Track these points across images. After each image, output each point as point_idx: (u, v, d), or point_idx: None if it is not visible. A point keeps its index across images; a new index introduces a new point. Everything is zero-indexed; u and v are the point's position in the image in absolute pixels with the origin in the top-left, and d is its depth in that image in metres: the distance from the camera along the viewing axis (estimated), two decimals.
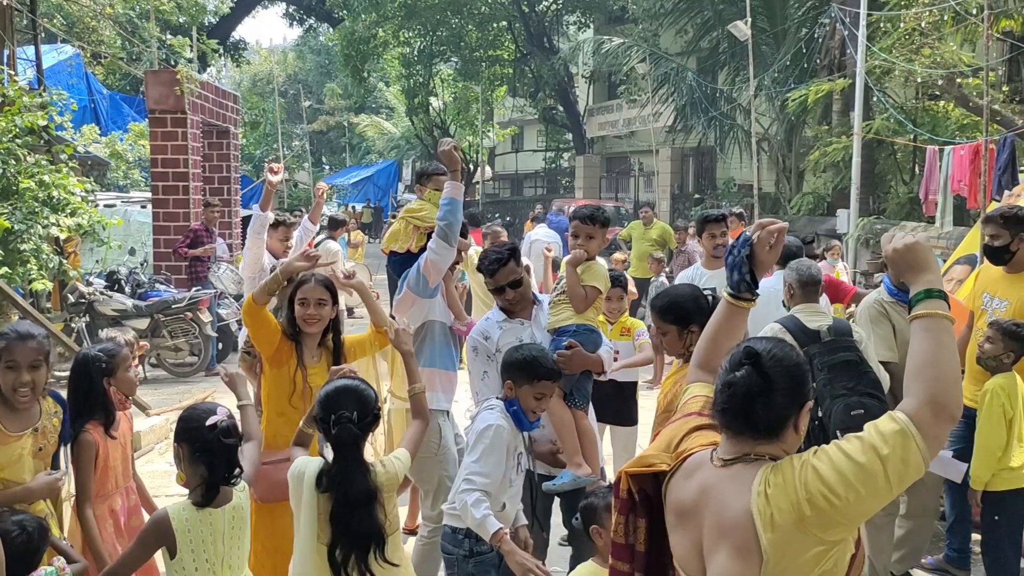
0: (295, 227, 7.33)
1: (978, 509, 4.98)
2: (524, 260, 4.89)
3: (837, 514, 2.02)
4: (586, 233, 4.53)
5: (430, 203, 5.07)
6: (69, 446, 3.95)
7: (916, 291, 2.21)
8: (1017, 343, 4.86)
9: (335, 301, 4.45)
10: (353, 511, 3.22)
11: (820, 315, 4.71)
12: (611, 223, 4.84)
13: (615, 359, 5.58)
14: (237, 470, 3.31)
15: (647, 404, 9.03)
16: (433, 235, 4.76)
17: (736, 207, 14.91)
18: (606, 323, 6.20)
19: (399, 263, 5.06)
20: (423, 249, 4.90)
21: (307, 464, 3.34)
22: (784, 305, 4.96)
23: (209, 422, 3.20)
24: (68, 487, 4.10)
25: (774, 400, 2.15)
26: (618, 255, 12.86)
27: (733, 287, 2.56)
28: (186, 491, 3.32)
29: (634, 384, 6.46)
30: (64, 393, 4.06)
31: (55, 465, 3.89)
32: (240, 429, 3.41)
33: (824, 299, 5.73)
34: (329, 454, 3.39)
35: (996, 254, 5.29)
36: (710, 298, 3.84)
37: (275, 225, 7.04)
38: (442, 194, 4.82)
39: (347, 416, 3.23)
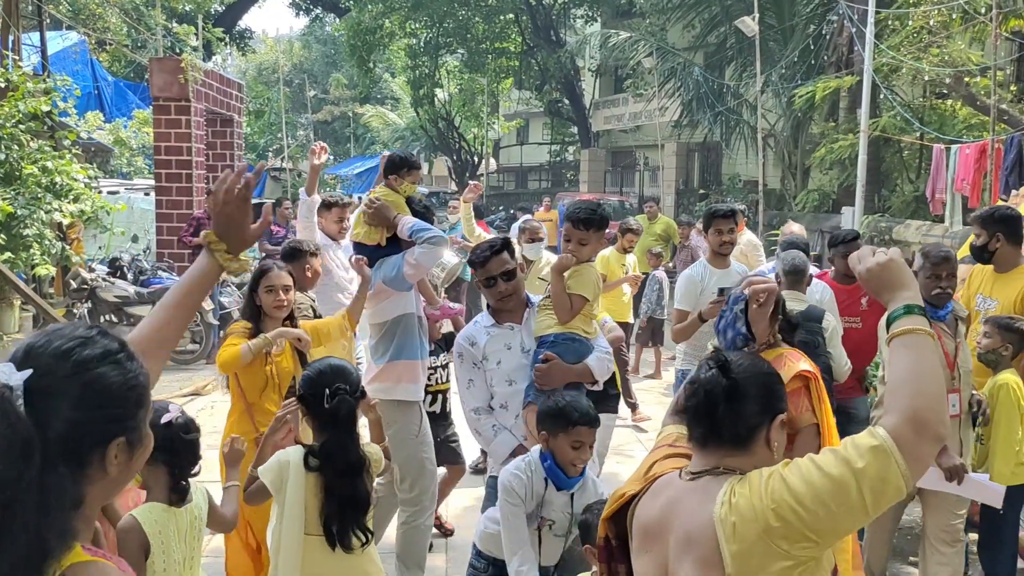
0: (350, 207, 7.01)
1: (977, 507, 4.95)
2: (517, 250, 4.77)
3: (805, 527, 1.90)
4: (578, 238, 4.07)
5: (403, 195, 5.08)
6: None
7: (894, 308, 2.08)
8: (1012, 334, 4.87)
9: (295, 283, 4.70)
10: (348, 479, 3.34)
11: (799, 302, 4.99)
12: (608, 222, 4.34)
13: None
14: (198, 466, 3.25)
15: (647, 399, 9.04)
16: (422, 243, 4.74)
17: (739, 204, 14.86)
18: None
19: (370, 253, 5.11)
20: (391, 241, 4.93)
21: (287, 454, 3.38)
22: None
23: (164, 419, 3.13)
24: None
25: (740, 406, 2.08)
26: None
27: (729, 344, 2.51)
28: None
29: (612, 376, 6.27)
30: None
31: None
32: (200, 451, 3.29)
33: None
34: (306, 438, 3.43)
35: (978, 253, 5.38)
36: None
37: (328, 206, 6.68)
38: (404, 225, 4.81)
39: (343, 388, 3.25)
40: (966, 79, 13.10)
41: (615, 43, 24.32)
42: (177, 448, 3.14)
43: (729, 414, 2.07)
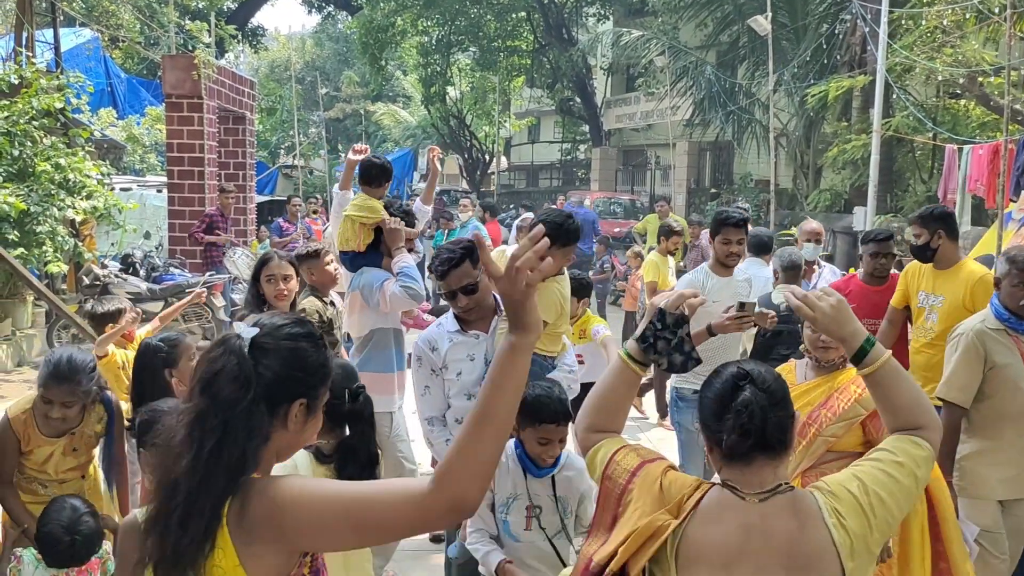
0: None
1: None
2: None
3: (890, 533, 2.16)
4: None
5: (378, 200, 5.21)
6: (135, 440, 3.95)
7: (860, 344, 2.24)
8: None
9: (298, 274, 4.71)
10: (368, 471, 3.31)
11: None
12: (579, 234, 4.06)
13: (581, 362, 5.38)
14: None
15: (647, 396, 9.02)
16: (402, 287, 4.78)
17: (743, 202, 14.80)
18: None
19: (349, 260, 5.19)
20: (372, 246, 5.00)
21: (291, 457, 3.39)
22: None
23: None
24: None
25: (784, 414, 2.13)
26: (634, 248, 12.82)
27: (679, 367, 2.43)
28: None
29: None
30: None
31: (108, 458, 4.00)
32: None
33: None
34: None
35: (919, 252, 5.44)
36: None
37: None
38: (399, 264, 4.87)
39: (361, 386, 3.28)
40: (980, 79, 13.03)
41: (627, 41, 24.28)
42: None
43: (775, 428, 2.10)
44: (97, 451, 4.07)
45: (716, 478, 2.22)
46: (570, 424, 4.02)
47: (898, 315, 5.65)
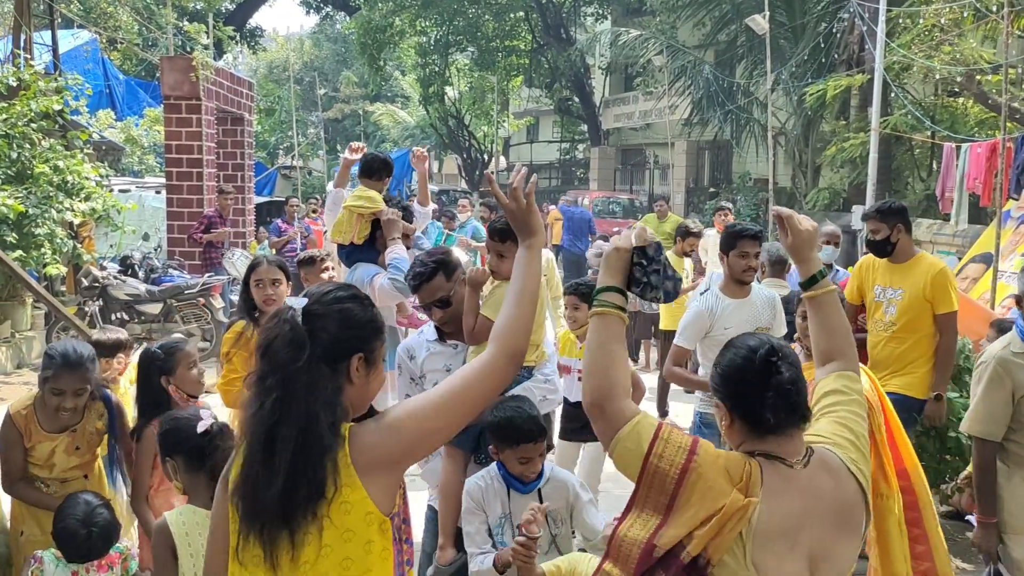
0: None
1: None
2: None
3: (866, 454, 2.36)
4: (497, 251, 3.78)
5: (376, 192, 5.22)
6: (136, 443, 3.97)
7: (817, 269, 2.53)
8: None
9: (288, 279, 4.66)
10: None
11: (781, 287, 5.99)
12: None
13: (579, 376, 5.37)
14: None
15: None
16: (390, 280, 4.80)
17: (726, 201, 14.76)
18: (573, 340, 5.44)
19: (346, 254, 5.18)
20: (368, 240, 4.99)
21: None
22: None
23: (200, 428, 3.17)
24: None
25: (803, 384, 2.25)
26: None
27: (673, 292, 2.43)
28: None
29: None
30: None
31: (112, 455, 4.02)
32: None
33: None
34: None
35: (879, 247, 5.40)
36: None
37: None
38: (391, 255, 4.86)
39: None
40: (978, 77, 13.03)
41: (625, 41, 24.30)
42: (212, 455, 3.14)
43: (803, 397, 2.24)
44: (100, 451, 4.08)
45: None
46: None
47: (850, 309, 5.55)
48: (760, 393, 2.16)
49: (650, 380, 10.24)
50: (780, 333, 4.99)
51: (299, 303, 2.09)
